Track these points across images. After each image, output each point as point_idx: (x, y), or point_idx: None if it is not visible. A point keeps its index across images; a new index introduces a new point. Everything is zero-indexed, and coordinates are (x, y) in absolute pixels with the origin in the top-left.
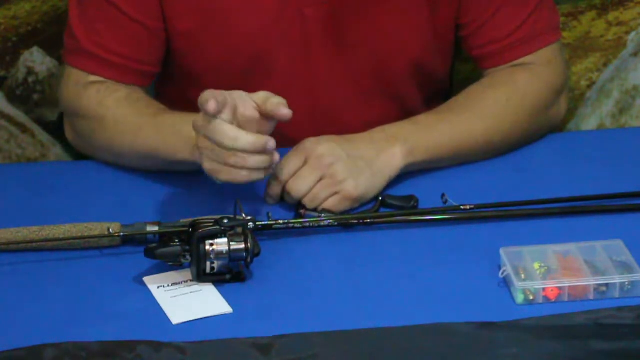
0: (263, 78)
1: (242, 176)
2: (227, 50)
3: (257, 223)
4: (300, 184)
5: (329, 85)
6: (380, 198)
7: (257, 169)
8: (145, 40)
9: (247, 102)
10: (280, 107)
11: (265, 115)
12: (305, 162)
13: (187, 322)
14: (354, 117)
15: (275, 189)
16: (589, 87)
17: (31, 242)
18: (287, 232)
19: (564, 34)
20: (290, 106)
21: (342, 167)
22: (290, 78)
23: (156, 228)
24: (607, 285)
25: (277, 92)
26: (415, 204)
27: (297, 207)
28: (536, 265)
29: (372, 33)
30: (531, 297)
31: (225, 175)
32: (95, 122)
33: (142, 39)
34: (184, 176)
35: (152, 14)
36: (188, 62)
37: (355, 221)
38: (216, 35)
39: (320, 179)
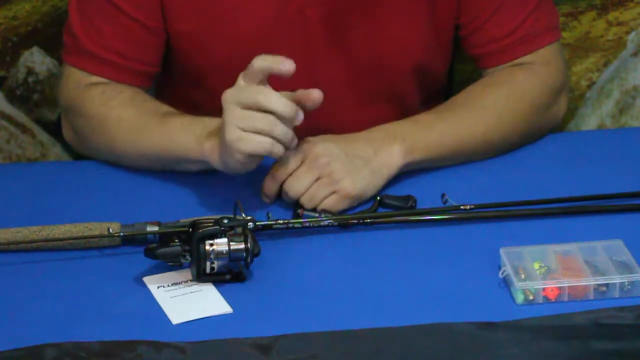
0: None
1: (265, 145)
2: (228, 50)
3: (257, 223)
4: (297, 184)
5: (330, 85)
6: (378, 198)
7: (280, 141)
8: (145, 40)
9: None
10: (310, 93)
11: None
12: (302, 162)
13: (187, 322)
14: (354, 117)
15: (272, 188)
16: (589, 87)
17: (31, 242)
18: (286, 232)
19: (564, 34)
20: None
21: (339, 166)
22: (291, 78)
23: (156, 228)
24: (607, 285)
25: (278, 91)
26: (413, 204)
27: (295, 207)
28: (536, 265)
29: (372, 34)
30: (531, 297)
31: (248, 143)
32: (96, 122)
33: (142, 39)
34: (184, 176)
35: (152, 14)
36: (190, 63)
37: (355, 221)
38: (218, 36)
39: (318, 179)
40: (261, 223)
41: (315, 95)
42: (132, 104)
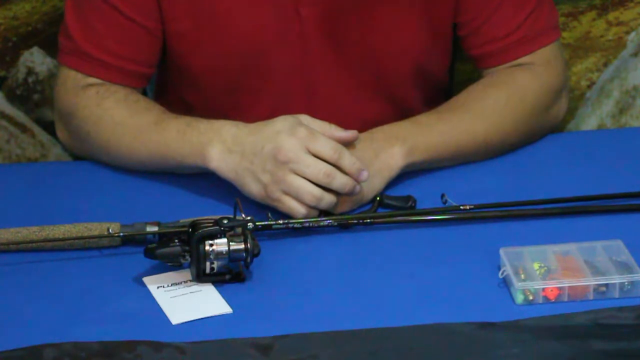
0: (260, 78)
1: (300, 212)
2: (224, 50)
3: (257, 223)
4: None
5: (327, 85)
6: (378, 198)
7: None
8: (142, 40)
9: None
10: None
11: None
12: None
13: (187, 322)
14: (352, 117)
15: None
16: (589, 87)
17: (31, 242)
18: (286, 232)
19: (564, 34)
20: (287, 106)
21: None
22: (287, 78)
23: (156, 228)
24: (606, 285)
25: (274, 92)
26: (413, 204)
27: None
28: (536, 266)
29: (369, 33)
30: (531, 298)
31: (282, 205)
32: (91, 124)
33: (139, 39)
34: (184, 176)
35: (149, 14)
36: (185, 63)
37: (355, 221)
38: (213, 36)
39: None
40: (261, 223)
41: (363, 177)
42: (126, 104)
